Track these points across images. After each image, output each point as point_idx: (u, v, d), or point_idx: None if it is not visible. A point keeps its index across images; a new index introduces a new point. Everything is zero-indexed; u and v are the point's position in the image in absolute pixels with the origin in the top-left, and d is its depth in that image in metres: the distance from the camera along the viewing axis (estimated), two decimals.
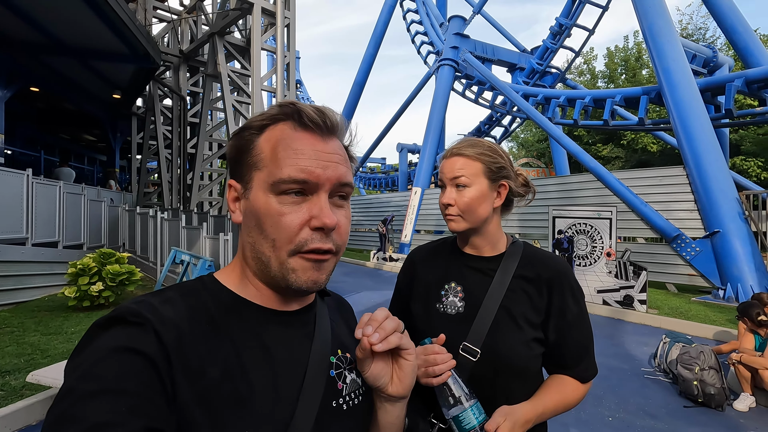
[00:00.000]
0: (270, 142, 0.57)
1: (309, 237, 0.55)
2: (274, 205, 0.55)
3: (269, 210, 0.55)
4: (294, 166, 0.55)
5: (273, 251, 0.56)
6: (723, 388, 3.49)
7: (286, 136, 0.57)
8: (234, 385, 0.52)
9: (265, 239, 0.56)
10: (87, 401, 0.41)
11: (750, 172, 17.83)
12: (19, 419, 2.90)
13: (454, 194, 1.01)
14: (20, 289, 6.35)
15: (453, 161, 1.02)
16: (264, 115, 0.60)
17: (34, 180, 6.73)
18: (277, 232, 0.55)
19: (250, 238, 0.58)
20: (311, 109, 0.58)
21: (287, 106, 0.59)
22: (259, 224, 0.56)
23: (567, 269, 1.03)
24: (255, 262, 0.59)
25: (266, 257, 0.57)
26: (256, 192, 0.57)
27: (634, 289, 6.74)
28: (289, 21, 9.92)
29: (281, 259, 0.56)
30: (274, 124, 0.59)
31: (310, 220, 0.56)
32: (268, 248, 0.56)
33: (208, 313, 0.55)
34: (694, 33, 23.94)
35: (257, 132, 0.59)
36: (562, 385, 1.00)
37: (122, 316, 0.48)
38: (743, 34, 10.16)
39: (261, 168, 0.57)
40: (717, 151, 8.02)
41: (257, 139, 0.59)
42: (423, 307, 1.07)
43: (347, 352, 0.69)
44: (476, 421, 0.82)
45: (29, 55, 9.15)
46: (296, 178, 0.55)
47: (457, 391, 0.84)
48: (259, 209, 0.56)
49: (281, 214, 0.55)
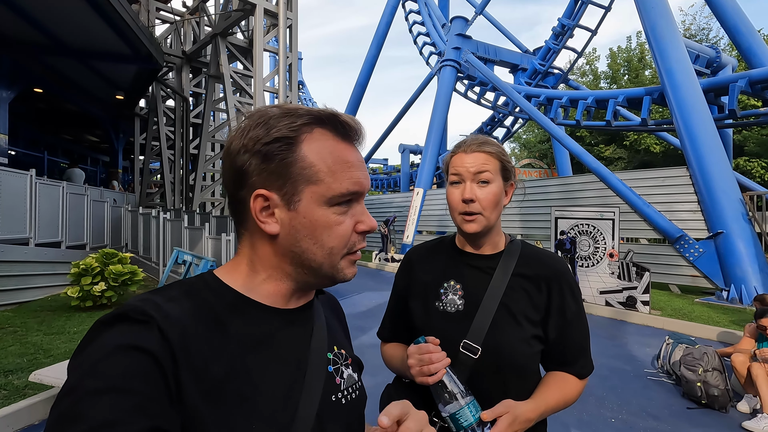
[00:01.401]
0: (320, 155, 0.57)
1: (357, 240, 0.61)
2: (332, 217, 0.58)
3: (328, 222, 0.58)
4: (350, 179, 0.59)
5: (329, 258, 0.59)
6: (726, 390, 3.47)
7: (334, 149, 0.59)
8: (238, 383, 0.52)
9: (321, 248, 0.58)
10: (91, 399, 0.41)
11: (754, 173, 17.75)
12: (21, 418, 2.91)
13: (476, 190, 0.99)
14: (23, 289, 6.37)
15: (476, 156, 1.00)
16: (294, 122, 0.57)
17: (37, 180, 6.76)
18: (336, 240, 0.59)
19: (298, 248, 0.58)
20: (351, 120, 0.61)
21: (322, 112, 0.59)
22: (315, 235, 0.58)
23: (565, 268, 1.04)
24: (297, 267, 0.60)
25: (318, 263, 0.59)
26: (309, 205, 0.57)
27: (637, 290, 6.72)
28: (291, 22, 9.93)
29: (334, 263, 0.60)
30: (309, 130, 0.58)
31: (356, 224, 0.60)
32: (324, 255, 0.59)
33: (212, 311, 0.55)
34: (697, 33, 23.87)
35: (292, 141, 0.57)
36: (562, 382, 1.01)
37: (126, 314, 0.48)
38: (746, 35, 10.12)
39: (316, 182, 0.57)
40: (720, 151, 7.99)
41: (298, 149, 0.57)
42: (422, 305, 1.07)
43: (342, 348, 0.70)
44: (473, 418, 0.82)
45: (32, 56, 9.20)
46: (353, 191, 0.59)
47: (453, 388, 0.84)
48: (316, 221, 0.58)
49: (339, 224, 0.58)
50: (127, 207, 11.25)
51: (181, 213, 9.48)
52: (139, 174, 15.24)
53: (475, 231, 1.00)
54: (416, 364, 0.87)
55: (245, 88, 10.97)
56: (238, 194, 0.58)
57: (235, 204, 0.60)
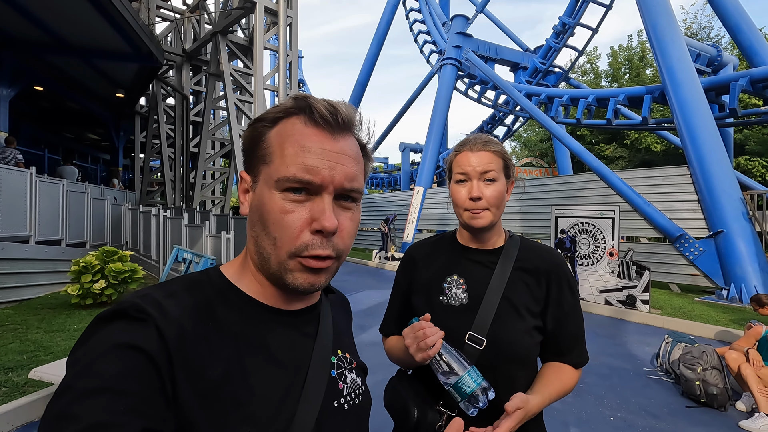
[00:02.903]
0: (280, 136, 0.56)
1: (310, 242, 0.54)
2: (278, 201, 0.54)
3: (273, 206, 0.54)
4: (300, 164, 0.53)
5: (274, 249, 0.55)
6: (725, 389, 3.48)
7: (295, 132, 0.55)
8: (235, 386, 0.51)
9: (267, 236, 0.55)
10: (85, 399, 0.41)
11: (754, 172, 17.73)
12: (21, 415, 2.92)
13: (483, 188, 1.02)
14: (23, 287, 6.39)
15: (482, 155, 1.03)
16: (279, 108, 0.58)
17: (37, 178, 6.77)
18: (279, 230, 0.54)
19: (254, 231, 0.57)
20: (323, 105, 0.56)
21: (300, 99, 0.57)
22: (263, 220, 0.55)
23: (563, 261, 1.09)
24: (257, 257, 0.58)
25: (267, 253, 0.55)
26: (262, 186, 0.56)
27: (637, 288, 6.72)
28: (291, 20, 9.92)
29: (280, 259, 0.55)
30: (287, 117, 0.57)
31: (312, 221, 0.54)
32: (270, 245, 0.55)
33: (212, 310, 0.54)
34: (698, 32, 23.80)
35: (270, 125, 0.57)
36: (560, 373, 1.04)
37: (125, 311, 0.48)
38: (748, 33, 10.09)
39: (268, 162, 0.55)
40: (721, 150, 7.98)
41: (269, 132, 0.57)
42: (425, 300, 1.08)
43: (347, 352, 0.68)
44: (475, 384, 0.83)
45: (33, 54, 9.21)
46: (301, 178, 0.53)
47: (451, 359, 0.85)
48: (263, 204, 0.55)
49: (284, 212, 0.54)
50: (127, 205, 11.26)
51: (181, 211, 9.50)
52: (139, 172, 15.26)
53: (483, 225, 1.03)
54: (413, 342, 0.89)
55: (245, 86, 10.96)
56: None
57: None
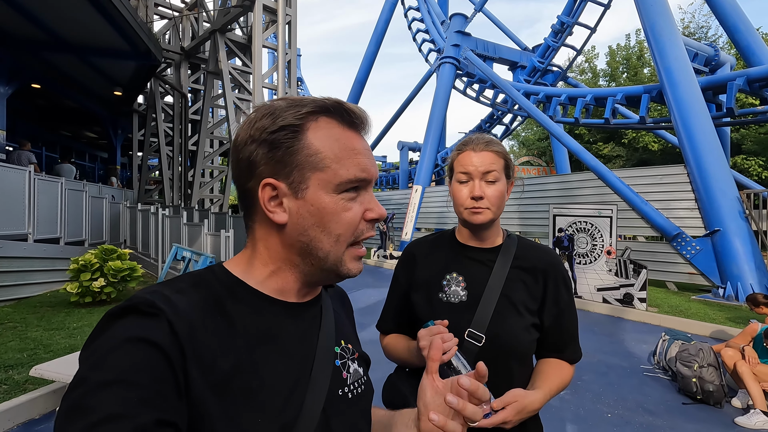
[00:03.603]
0: (325, 142, 0.57)
1: (365, 228, 0.61)
2: (340, 203, 0.58)
3: (335, 208, 0.58)
4: (357, 166, 0.58)
5: (335, 245, 0.59)
6: (722, 386, 3.51)
7: (339, 136, 0.59)
8: (246, 377, 0.52)
9: (328, 236, 0.58)
10: (99, 391, 0.41)
11: (751, 171, 17.81)
12: (22, 413, 2.93)
13: (485, 187, 1.05)
14: (22, 285, 6.38)
15: (484, 155, 1.05)
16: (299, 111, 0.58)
17: (36, 176, 6.76)
18: (343, 227, 0.58)
19: (305, 236, 0.58)
20: (357, 109, 0.61)
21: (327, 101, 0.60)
22: (322, 222, 0.58)
23: (559, 260, 1.12)
24: (304, 258, 0.60)
25: (325, 252, 0.59)
26: (317, 192, 0.57)
27: (634, 287, 6.75)
28: (290, 18, 9.90)
29: (339, 254, 0.59)
30: (314, 119, 0.58)
31: (365, 212, 0.60)
32: (331, 243, 0.58)
33: (220, 303, 0.55)
34: (696, 31, 23.86)
35: (298, 129, 0.57)
36: (557, 369, 1.06)
37: (136, 306, 0.48)
38: (745, 33, 10.13)
39: (323, 168, 0.57)
40: (718, 149, 8.02)
41: (303, 137, 0.57)
42: (425, 297, 1.10)
43: (349, 343, 0.70)
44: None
45: (30, 52, 9.16)
46: (361, 178, 0.59)
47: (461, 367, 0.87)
48: (324, 208, 0.57)
49: (347, 210, 0.58)
50: (125, 203, 11.24)
51: (180, 209, 9.48)
52: (137, 170, 15.21)
53: (482, 222, 1.05)
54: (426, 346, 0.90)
55: (244, 84, 10.94)
56: (247, 186, 0.59)
57: (243, 196, 0.60)
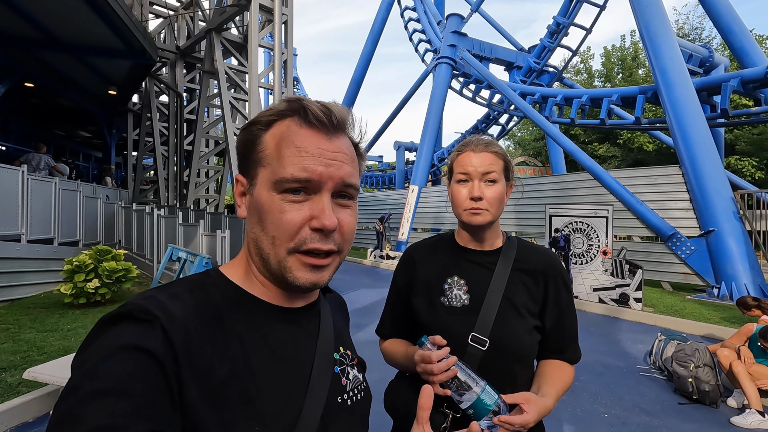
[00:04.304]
0: (275, 139, 0.57)
1: (308, 236, 0.55)
2: (277, 202, 0.55)
3: (271, 207, 0.55)
4: (297, 164, 0.55)
5: (272, 248, 0.56)
6: (717, 385, 3.53)
7: (291, 133, 0.56)
8: (242, 384, 0.51)
9: (266, 236, 0.56)
10: (91, 401, 0.40)
11: (745, 172, 17.97)
12: (15, 416, 2.90)
13: (483, 188, 1.04)
14: (15, 286, 6.32)
15: (484, 156, 1.05)
16: (272, 110, 0.59)
17: (29, 176, 6.69)
18: (278, 229, 0.55)
19: (253, 233, 0.58)
20: (317, 106, 0.57)
21: (294, 101, 0.59)
22: (261, 221, 0.56)
23: (559, 262, 1.12)
24: (258, 258, 0.59)
25: (266, 254, 0.57)
26: (260, 189, 0.57)
27: (630, 287, 6.78)
28: (286, 18, 9.87)
29: (279, 257, 0.56)
30: (281, 119, 0.58)
31: (311, 219, 0.55)
32: (268, 245, 0.56)
33: (216, 309, 0.55)
34: (690, 33, 24.05)
35: (264, 128, 0.58)
36: (560, 370, 1.06)
37: (130, 312, 0.48)
38: (739, 35, 10.21)
39: (265, 165, 0.57)
40: (712, 150, 8.07)
41: (264, 135, 0.58)
42: (426, 301, 1.09)
43: (348, 349, 0.70)
44: (492, 402, 0.84)
45: (24, 50, 9.07)
46: (298, 177, 0.55)
47: (466, 379, 0.86)
48: (262, 206, 0.56)
49: (282, 212, 0.55)
50: (120, 203, 11.16)
51: (176, 209, 9.43)
52: (132, 170, 15.10)
53: (481, 223, 1.04)
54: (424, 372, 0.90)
55: (240, 83, 10.89)
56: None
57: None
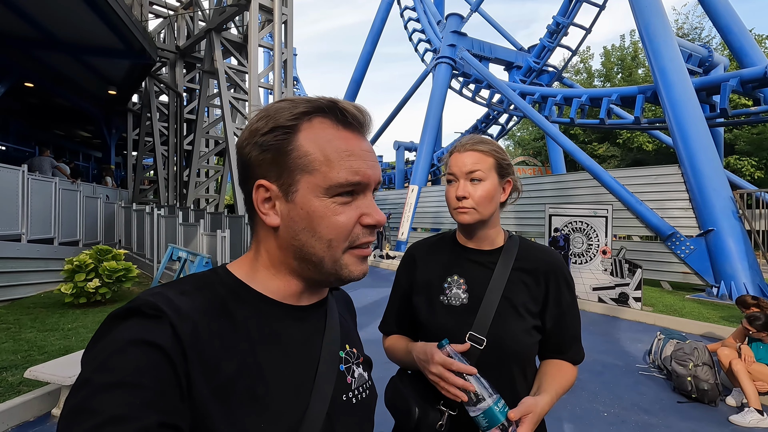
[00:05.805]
0: (315, 143, 0.56)
1: (360, 232, 0.58)
2: (330, 207, 0.56)
3: (325, 212, 0.56)
4: (349, 168, 0.56)
5: (328, 251, 0.57)
6: (716, 384, 3.54)
7: (332, 137, 0.56)
8: (249, 380, 0.52)
9: (319, 240, 0.56)
10: (102, 394, 0.41)
11: (744, 171, 17.99)
12: (16, 415, 2.90)
13: (468, 187, 1.04)
14: (16, 286, 6.32)
15: (468, 155, 1.05)
16: (292, 112, 0.57)
17: (29, 176, 6.70)
18: (334, 232, 0.56)
19: (297, 241, 0.57)
20: (353, 107, 0.58)
21: (322, 101, 0.58)
22: (312, 227, 0.56)
23: (561, 261, 1.10)
24: (301, 263, 0.58)
25: (318, 257, 0.57)
26: (306, 195, 0.56)
27: (629, 286, 6.80)
28: (286, 17, 9.88)
29: (336, 257, 0.57)
30: (308, 119, 0.57)
31: (361, 217, 0.58)
32: (323, 249, 0.56)
33: (224, 306, 0.55)
34: (689, 32, 24.07)
35: (290, 131, 0.56)
36: (562, 371, 1.06)
37: (139, 308, 0.48)
38: (738, 35, 10.22)
39: (311, 171, 0.55)
40: (712, 150, 8.08)
41: (295, 138, 0.56)
42: (426, 300, 1.09)
43: (354, 347, 0.70)
44: (502, 416, 0.85)
45: (23, 50, 9.07)
46: (352, 181, 0.56)
47: (481, 390, 0.86)
48: (313, 212, 0.56)
49: (337, 214, 0.56)
50: (120, 203, 11.17)
51: (176, 209, 9.44)
52: (132, 170, 15.11)
53: (468, 222, 1.04)
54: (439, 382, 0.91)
55: (240, 83, 10.90)
56: (246, 188, 0.59)
57: (246, 199, 0.60)
